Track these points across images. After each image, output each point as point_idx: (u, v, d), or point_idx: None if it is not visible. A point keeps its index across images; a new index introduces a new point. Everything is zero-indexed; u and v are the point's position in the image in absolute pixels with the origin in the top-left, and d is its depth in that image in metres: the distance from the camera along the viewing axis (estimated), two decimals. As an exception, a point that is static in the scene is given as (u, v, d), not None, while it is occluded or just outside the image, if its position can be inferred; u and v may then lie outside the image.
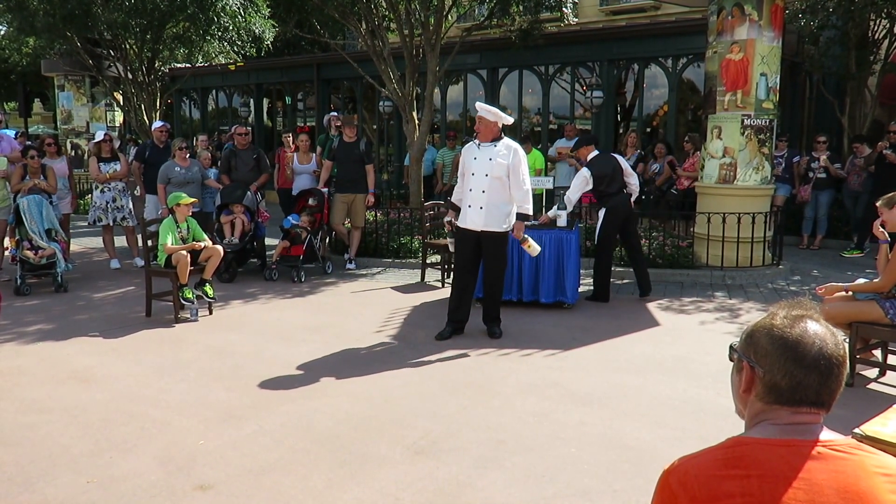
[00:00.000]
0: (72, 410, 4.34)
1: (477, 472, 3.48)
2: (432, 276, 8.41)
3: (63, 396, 4.59)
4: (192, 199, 6.90)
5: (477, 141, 5.81)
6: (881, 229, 4.70)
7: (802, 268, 8.86)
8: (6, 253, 8.38)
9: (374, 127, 16.79)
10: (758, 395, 1.42)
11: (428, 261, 8.43)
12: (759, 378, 1.41)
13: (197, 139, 10.53)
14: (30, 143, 10.00)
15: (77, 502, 3.22)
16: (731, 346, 1.51)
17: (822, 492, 1.29)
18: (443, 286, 7.92)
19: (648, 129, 13.50)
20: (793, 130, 12.54)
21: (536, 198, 10.83)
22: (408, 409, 4.32)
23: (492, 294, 6.01)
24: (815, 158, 10.25)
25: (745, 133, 8.15)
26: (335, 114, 11.35)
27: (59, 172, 8.80)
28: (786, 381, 1.37)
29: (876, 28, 11.65)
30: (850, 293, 4.81)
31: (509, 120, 5.85)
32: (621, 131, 13.65)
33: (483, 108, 5.76)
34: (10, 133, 10.83)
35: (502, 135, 5.80)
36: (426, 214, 8.19)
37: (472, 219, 5.75)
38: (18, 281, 7.59)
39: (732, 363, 1.52)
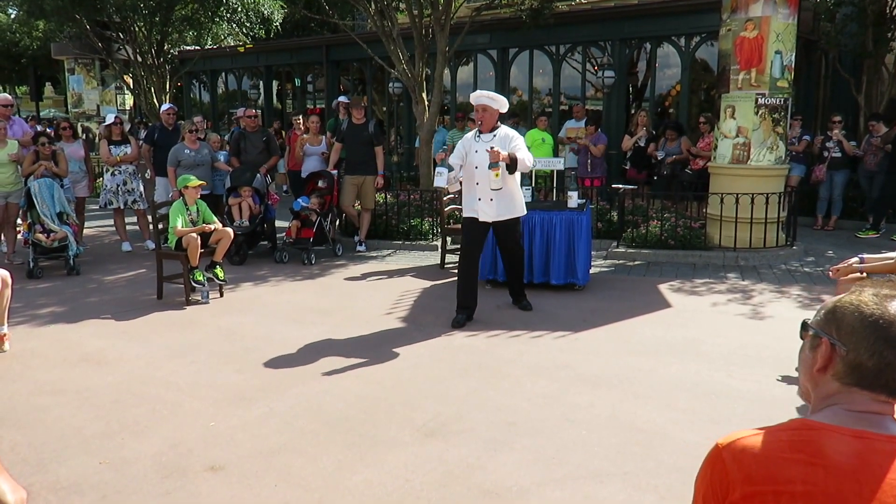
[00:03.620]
0: (84, 392, 4.36)
1: (487, 453, 3.47)
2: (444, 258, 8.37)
3: (75, 378, 4.62)
4: (200, 182, 6.90)
5: (478, 132, 5.69)
6: None
7: (817, 248, 8.77)
8: (18, 236, 8.44)
9: (384, 109, 16.71)
10: (836, 375, 1.34)
11: (436, 243, 8.34)
12: (840, 357, 1.33)
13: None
14: (39, 127, 10.02)
15: (89, 483, 3.24)
16: (804, 323, 1.43)
17: (892, 492, 1.20)
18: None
19: (659, 110, 13.35)
20: (808, 110, 12.37)
21: (546, 178, 10.79)
22: (417, 392, 4.31)
23: (515, 275, 6.16)
24: (830, 137, 10.11)
25: (759, 112, 8.03)
26: (343, 98, 11.29)
27: (76, 156, 8.85)
28: (873, 362, 1.29)
29: (894, 4, 11.42)
30: (865, 274, 4.75)
31: (506, 107, 5.74)
32: (633, 111, 13.51)
33: (486, 96, 5.60)
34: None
35: (498, 122, 5.72)
36: (444, 199, 8.07)
37: (485, 211, 5.71)
38: (31, 264, 7.64)
39: (804, 340, 1.44)
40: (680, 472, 3.25)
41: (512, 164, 5.46)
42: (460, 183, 5.86)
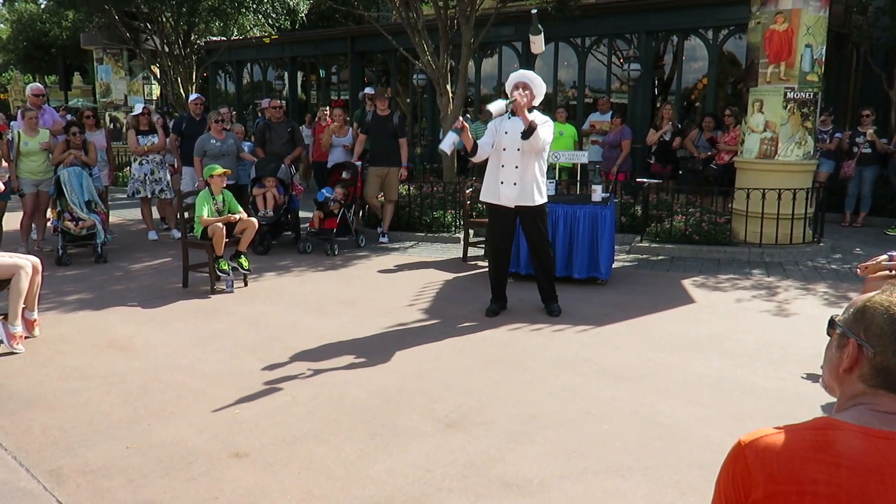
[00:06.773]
0: (111, 378, 4.44)
1: (508, 446, 3.48)
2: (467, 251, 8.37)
3: (103, 364, 4.70)
4: (225, 170, 6.96)
5: (511, 113, 5.55)
6: None
7: (844, 245, 8.64)
8: (48, 224, 8.58)
9: (408, 100, 16.71)
10: (861, 377, 1.31)
11: (458, 235, 8.33)
12: (867, 359, 1.30)
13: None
14: (71, 116, 10.15)
15: (117, 467, 3.31)
16: (831, 320, 1.39)
17: None
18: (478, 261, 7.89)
19: (685, 103, 13.21)
20: (838, 104, 12.16)
21: (570, 171, 10.74)
22: (439, 383, 4.33)
23: (543, 271, 5.86)
24: (860, 133, 9.94)
25: (788, 107, 7.92)
26: (369, 90, 11.31)
27: (97, 145, 8.95)
28: None
29: (929, -3, 11.17)
30: (894, 272, 4.67)
31: (543, 95, 5.68)
32: (658, 105, 13.38)
33: (528, 76, 5.56)
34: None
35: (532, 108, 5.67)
36: (467, 192, 8.04)
37: (507, 195, 5.62)
38: (60, 251, 7.78)
39: (830, 338, 1.40)
40: (702, 468, 3.24)
41: (529, 131, 5.31)
42: (466, 151, 5.62)
